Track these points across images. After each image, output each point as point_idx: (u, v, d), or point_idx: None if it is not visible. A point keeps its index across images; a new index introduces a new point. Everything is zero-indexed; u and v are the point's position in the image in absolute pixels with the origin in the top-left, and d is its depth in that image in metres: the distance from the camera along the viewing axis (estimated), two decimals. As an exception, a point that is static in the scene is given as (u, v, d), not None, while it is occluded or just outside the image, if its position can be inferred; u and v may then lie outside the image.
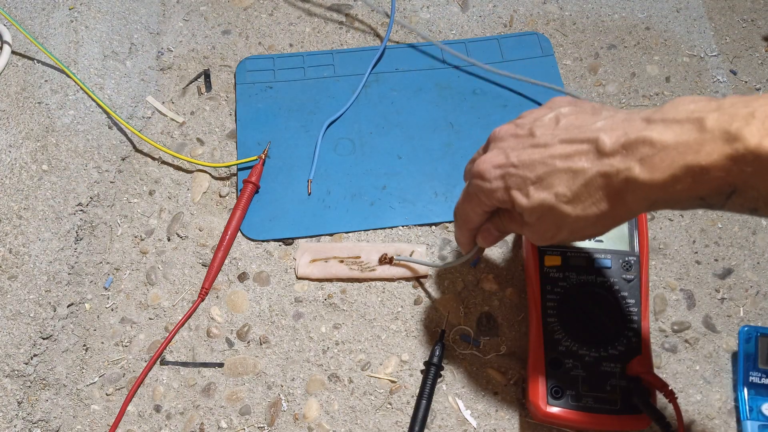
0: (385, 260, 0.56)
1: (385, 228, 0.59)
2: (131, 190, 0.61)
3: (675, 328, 0.54)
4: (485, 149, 0.42)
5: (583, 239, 0.39)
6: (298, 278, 0.56)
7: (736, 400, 0.51)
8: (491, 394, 0.52)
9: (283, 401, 0.52)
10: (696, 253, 0.58)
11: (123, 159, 0.62)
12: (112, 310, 0.56)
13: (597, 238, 0.52)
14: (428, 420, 0.50)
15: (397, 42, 0.69)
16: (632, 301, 0.49)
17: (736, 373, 0.52)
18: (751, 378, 0.50)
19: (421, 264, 0.55)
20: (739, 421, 0.50)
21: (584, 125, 0.36)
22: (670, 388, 0.45)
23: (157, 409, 0.52)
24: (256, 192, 0.60)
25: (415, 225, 0.59)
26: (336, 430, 0.51)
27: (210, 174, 0.62)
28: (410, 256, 0.56)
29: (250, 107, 0.65)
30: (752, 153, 0.28)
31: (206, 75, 0.67)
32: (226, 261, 0.57)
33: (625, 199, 0.34)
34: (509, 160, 0.38)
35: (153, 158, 0.62)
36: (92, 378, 0.53)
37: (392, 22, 0.68)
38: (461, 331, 0.54)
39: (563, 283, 0.50)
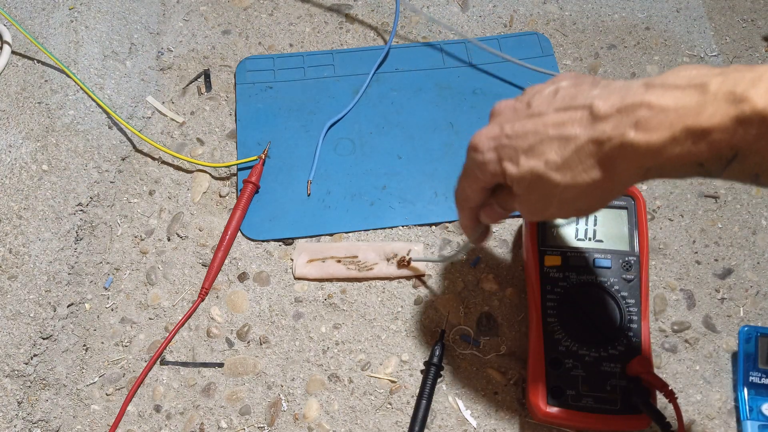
0: (403, 263, 0.56)
1: (385, 228, 0.59)
2: (131, 190, 0.61)
3: (675, 328, 0.54)
4: None
5: (574, 215, 0.38)
6: (296, 278, 0.56)
7: (736, 400, 0.51)
8: (491, 394, 0.52)
9: (283, 401, 0.52)
10: (696, 253, 0.58)
11: (123, 159, 0.62)
12: (112, 310, 0.56)
13: (597, 238, 0.52)
14: (428, 420, 0.50)
15: (397, 42, 0.69)
16: (632, 301, 0.50)
17: (736, 373, 0.52)
18: (751, 378, 0.50)
19: (434, 261, 0.55)
20: (739, 421, 0.50)
21: (580, 94, 0.35)
22: (670, 388, 0.45)
23: (157, 409, 0.52)
24: (256, 192, 0.60)
25: (415, 225, 0.59)
26: (336, 430, 0.51)
27: (210, 174, 0.62)
28: (407, 254, 0.56)
29: (250, 107, 0.65)
30: (759, 115, 0.27)
31: (206, 75, 0.67)
32: (226, 261, 0.57)
33: (617, 166, 0.33)
34: (503, 131, 0.37)
35: (153, 158, 0.62)
36: (92, 378, 0.53)
37: (396, 22, 0.68)
38: (461, 331, 0.54)
39: (563, 283, 0.50)
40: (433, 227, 0.59)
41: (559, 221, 0.53)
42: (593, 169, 0.33)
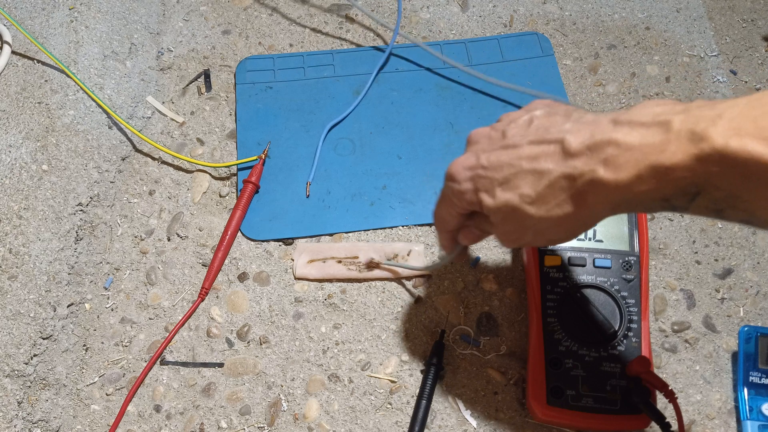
0: (373, 265, 0.56)
1: (385, 228, 0.59)
2: (131, 190, 0.61)
3: (675, 328, 0.54)
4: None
5: (550, 243, 0.39)
6: (296, 278, 0.56)
7: (736, 400, 0.51)
8: (491, 394, 0.52)
9: (283, 401, 0.52)
10: (696, 253, 0.58)
11: (123, 159, 0.62)
12: (112, 310, 0.56)
13: (597, 238, 0.52)
14: (428, 420, 0.50)
15: (397, 42, 0.69)
16: (632, 301, 0.50)
17: (736, 373, 0.52)
18: (751, 378, 0.50)
19: (405, 268, 0.55)
20: (739, 421, 0.50)
21: (553, 126, 0.36)
22: (670, 388, 0.45)
23: (157, 409, 0.52)
24: (256, 192, 0.60)
25: (415, 225, 0.59)
26: (336, 430, 0.51)
27: (210, 174, 0.62)
28: (408, 255, 0.56)
29: (250, 107, 0.65)
30: (718, 153, 0.28)
31: (206, 75, 0.67)
32: (226, 261, 0.57)
33: (588, 201, 0.34)
34: (479, 162, 0.38)
35: (153, 158, 0.62)
36: (92, 378, 0.53)
37: (398, 24, 0.68)
38: (461, 331, 0.54)
39: (563, 283, 0.50)
40: (433, 227, 0.59)
41: None
42: (565, 203, 0.34)
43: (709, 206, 0.31)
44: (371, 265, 0.56)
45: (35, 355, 0.50)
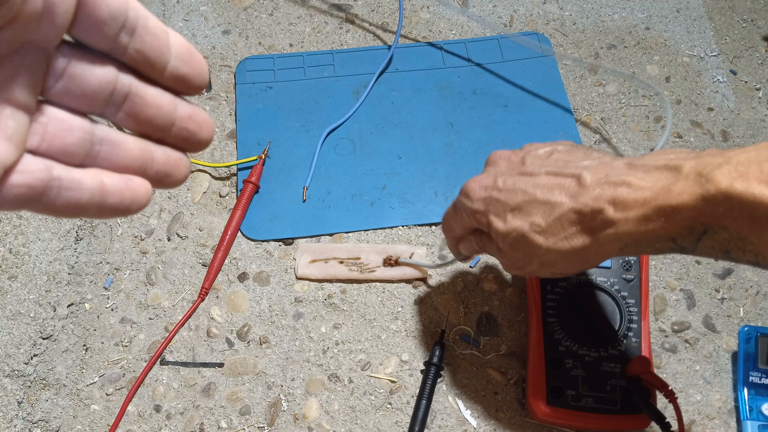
0: (390, 262, 0.56)
1: (385, 228, 0.59)
2: (131, 190, 0.61)
3: (675, 328, 0.54)
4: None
5: (554, 275, 0.39)
6: (298, 278, 0.56)
7: (736, 400, 0.51)
8: (491, 394, 0.52)
9: (283, 401, 0.52)
10: (696, 253, 0.58)
11: (123, 159, 0.62)
12: (112, 310, 0.56)
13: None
14: (428, 420, 0.50)
15: (397, 42, 0.69)
16: (632, 301, 0.50)
17: (736, 373, 0.52)
18: (751, 378, 0.50)
19: (423, 266, 0.55)
20: (739, 421, 0.50)
21: (572, 161, 0.37)
22: (670, 388, 0.45)
23: (157, 409, 0.52)
24: (256, 192, 0.60)
25: (415, 225, 0.59)
26: (336, 430, 0.51)
27: (210, 174, 0.62)
28: (410, 258, 0.56)
29: (250, 107, 0.65)
30: (723, 194, 0.29)
31: (206, 75, 0.67)
32: (226, 261, 0.57)
33: (597, 238, 0.34)
34: (495, 184, 0.39)
35: (153, 158, 0.62)
36: (92, 378, 0.53)
37: (401, 23, 0.68)
38: (461, 331, 0.54)
39: (563, 283, 0.50)
40: (433, 227, 0.59)
41: None
42: (574, 237, 0.35)
43: (716, 246, 0.31)
44: (388, 261, 0.56)
45: (35, 355, 0.50)
